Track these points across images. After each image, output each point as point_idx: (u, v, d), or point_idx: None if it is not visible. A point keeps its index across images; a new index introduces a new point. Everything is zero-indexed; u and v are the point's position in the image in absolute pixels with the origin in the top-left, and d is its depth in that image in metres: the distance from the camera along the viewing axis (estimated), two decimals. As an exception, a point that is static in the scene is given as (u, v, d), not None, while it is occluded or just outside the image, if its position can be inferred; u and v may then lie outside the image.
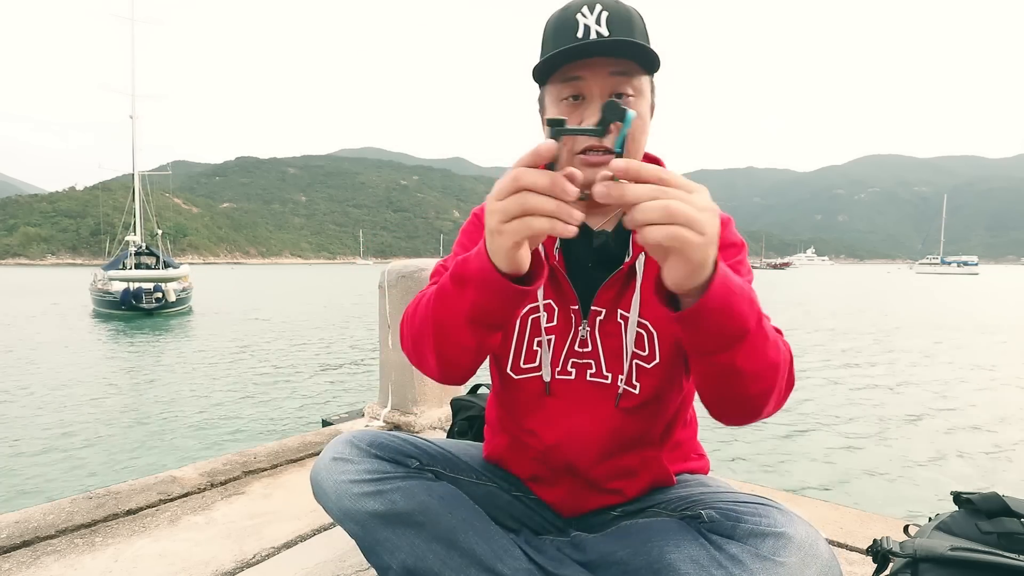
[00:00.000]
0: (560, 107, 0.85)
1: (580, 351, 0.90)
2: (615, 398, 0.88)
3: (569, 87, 0.83)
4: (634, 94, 0.83)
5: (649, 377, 0.87)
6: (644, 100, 0.85)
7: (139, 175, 31.83)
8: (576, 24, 0.80)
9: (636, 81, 0.83)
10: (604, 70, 0.81)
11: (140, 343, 15.38)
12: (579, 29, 0.80)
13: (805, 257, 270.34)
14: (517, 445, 0.96)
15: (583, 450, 0.90)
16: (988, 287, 51.28)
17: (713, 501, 0.81)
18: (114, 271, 24.24)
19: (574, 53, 0.80)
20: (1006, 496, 0.98)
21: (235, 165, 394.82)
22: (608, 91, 0.82)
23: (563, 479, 0.94)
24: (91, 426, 7.52)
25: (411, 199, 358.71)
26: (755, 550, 0.69)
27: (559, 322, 0.91)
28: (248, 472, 1.99)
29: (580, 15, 0.81)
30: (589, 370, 0.90)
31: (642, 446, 0.91)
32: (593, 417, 0.89)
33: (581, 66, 0.81)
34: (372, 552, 0.89)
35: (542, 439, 0.92)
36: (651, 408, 0.89)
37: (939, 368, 11.46)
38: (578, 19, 0.80)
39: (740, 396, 0.71)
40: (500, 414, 1.00)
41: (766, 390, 0.71)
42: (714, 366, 0.69)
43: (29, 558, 1.42)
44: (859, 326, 18.65)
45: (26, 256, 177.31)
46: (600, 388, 0.89)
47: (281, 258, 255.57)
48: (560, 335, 0.91)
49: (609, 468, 0.91)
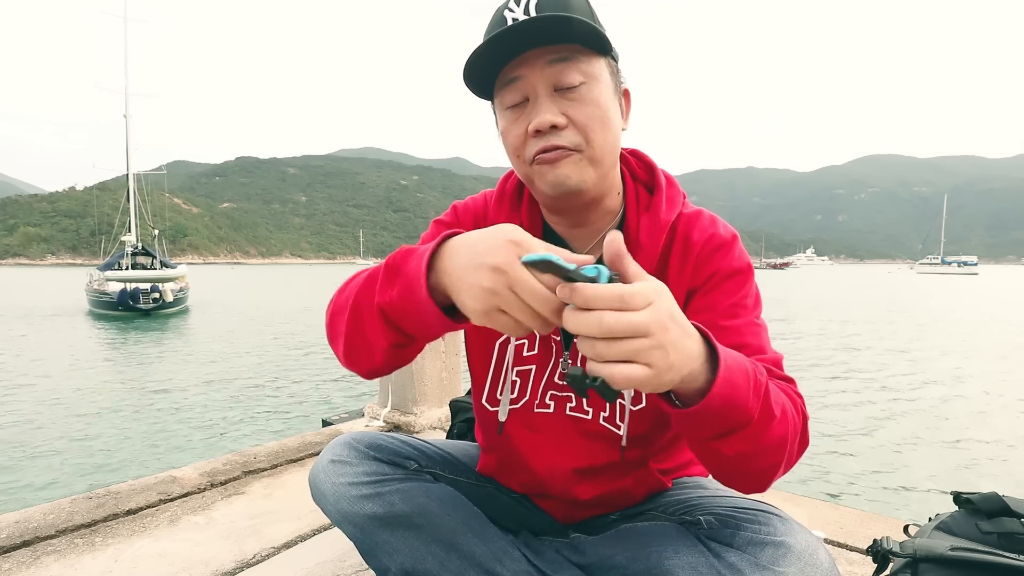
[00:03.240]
0: (507, 116, 0.76)
1: (560, 384, 0.86)
2: (597, 436, 0.85)
3: (511, 92, 0.74)
4: (584, 80, 0.72)
5: (634, 419, 0.83)
6: (599, 85, 0.74)
7: (134, 175, 31.88)
8: (504, 21, 0.71)
9: (584, 65, 0.72)
10: (541, 61, 0.72)
11: (138, 343, 15.37)
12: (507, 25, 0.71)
13: (805, 257, 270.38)
14: (504, 467, 0.95)
15: (568, 482, 0.88)
16: (988, 287, 51.24)
17: (712, 506, 0.79)
18: (111, 271, 24.23)
19: (493, 52, 0.71)
20: (1006, 496, 0.98)
21: (235, 165, 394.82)
22: (551, 84, 0.72)
23: (555, 498, 0.92)
24: (91, 426, 7.52)
25: (411, 199, 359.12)
26: (754, 559, 0.68)
27: (540, 351, 0.86)
28: (248, 472, 1.99)
29: (508, 11, 0.72)
30: (569, 403, 0.86)
31: (632, 469, 0.88)
32: (576, 453, 0.86)
33: (516, 64, 0.73)
34: (371, 554, 0.88)
35: (526, 469, 0.90)
36: (640, 444, 0.86)
37: (939, 368, 11.46)
38: (506, 15, 0.72)
39: (743, 473, 0.66)
40: (486, 439, 0.97)
41: (771, 466, 0.65)
42: (711, 451, 0.63)
43: (29, 558, 1.42)
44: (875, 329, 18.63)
45: (26, 256, 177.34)
46: (580, 423, 0.85)
47: (281, 258, 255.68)
48: (540, 365, 0.86)
49: (599, 492, 0.88)
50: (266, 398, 9.13)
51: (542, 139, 0.73)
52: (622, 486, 0.89)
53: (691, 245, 0.81)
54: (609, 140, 0.75)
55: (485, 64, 0.73)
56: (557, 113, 0.72)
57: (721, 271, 0.79)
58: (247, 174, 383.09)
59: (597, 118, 0.73)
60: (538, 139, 0.74)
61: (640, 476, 0.89)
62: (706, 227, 0.82)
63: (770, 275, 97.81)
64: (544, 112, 0.72)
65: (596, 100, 0.73)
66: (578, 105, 0.73)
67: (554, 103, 0.72)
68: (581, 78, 0.72)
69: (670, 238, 0.82)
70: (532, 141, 0.74)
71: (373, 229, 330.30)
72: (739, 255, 0.81)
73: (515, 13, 0.71)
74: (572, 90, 0.72)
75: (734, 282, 0.79)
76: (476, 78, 0.75)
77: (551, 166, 0.74)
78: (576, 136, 0.73)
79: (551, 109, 0.72)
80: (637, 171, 0.88)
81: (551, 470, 0.87)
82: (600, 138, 0.74)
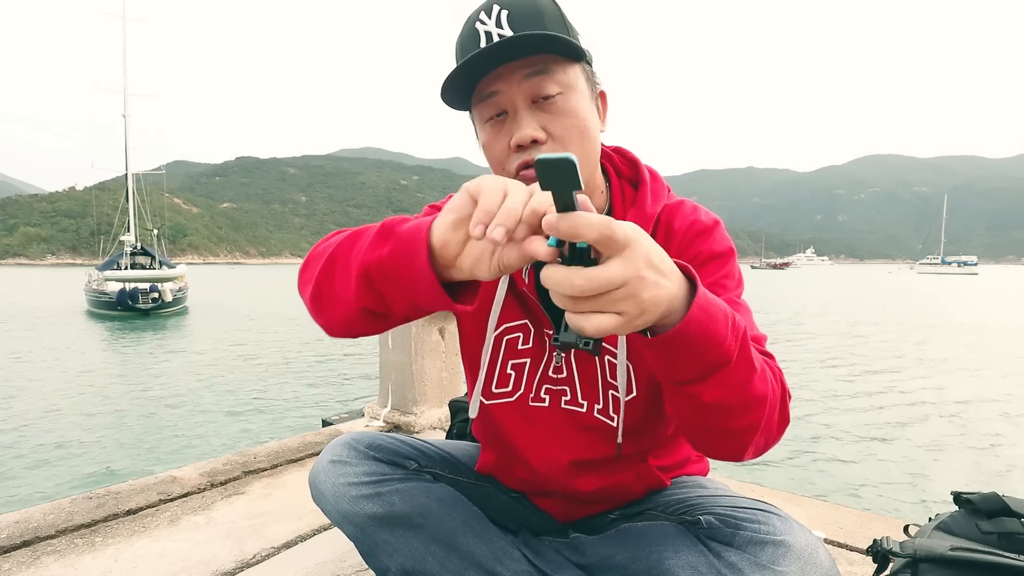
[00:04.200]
0: (487, 130, 0.78)
1: (555, 377, 0.87)
2: (593, 429, 0.86)
3: (489, 106, 0.76)
4: (561, 90, 0.74)
5: (628, 409, 0.84)
6: (576, 94, 0.75)
7: (133, 175, 31.92)
8: (477, 34, 0.72)
9: (560, 75, 0.74)
10: (517, 75, 0.73)
11: (138, 343, 15.38)
12: (480, 39, 0.72)
13: (805, 257, 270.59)
14: (503, 465, 0.95)
15: (566, 476, 0.88)
16: (989, 287, 51.24)
17: (711, 506, 0.79)
18: (110, 271, 24.23)
19: (469, 69, 0.72)
20: (1006, 496, 0.98)
21: (235, 165, 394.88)
22: (529, 97, 0.73)
23: (554, 494, 0.93)
24: (91, 426, 7.52)
25: (411, 199, 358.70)
26: (754, 558, 0.68)
27: (534, 345, 0.87)
28: (248, 472, 1.99)
29: (479, 23, 0.73)
30: (564, 397, 0.86)
31: (631, 464, 0.89)
32: (573, 446, 0.87)
33: (493, 79, 0.73)
34: (371, 554, 0.88)
35: (524, 464, 0.90)
36: (635, 437, 0.86)
37: (939, 368, 11.46)
38: (478, 28, 0.72)
39: (720, 431, 0.64)
40: (484, 434, 0.98)
41: (749, 426, 0.63)
42: (690, 397, 0.61)
43: (29, 558, 1.42)
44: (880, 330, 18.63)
45: (26, 256, 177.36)
46: (576, 416, 0.86)
47: (281, 258, 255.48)
48: (535, 359, 0.87)
49: (597, 487, 0.89)
50: (266, 398, 9.13)
51: (524, 153, 0.75)
52: (620, 481, 0.89)
53: (673, 232, 0.82)
54: (588, 148, 0.77)
55: (462, 81, 0.74)
56: (537, 127, 0.74)
57: (703, 253, 0.80)
58: (247, 174, 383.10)
59: (576, 129, 0.75)
60: (520, 153, 0.75)
61: (639, 472, 0.89)
62: (687, 214, 0.84)
63: (770, 275, 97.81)
64: (524, 127, 0.73)
65: (574, 110, 0.75)
66: (556, 118, 0.74)
67: (533, 116, 0.74)
68: (558, 88, 0.74)
69: (655, 229, 0.84)
70: (514, 155, 0.75)
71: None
72: (720, 238, 0.82)
73: (487, 26, 0.72)
74: (550, 102, 0.74)
75: (715, 263, 0.80)
76: (453, 95, 0.76)
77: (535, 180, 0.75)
78: (557, 150, 0.74)
79: (531, 124, 0.74)
80: (622, 168, 0.90)
81: (548, 463, 0.88)
82: (579, 148, 0.76)
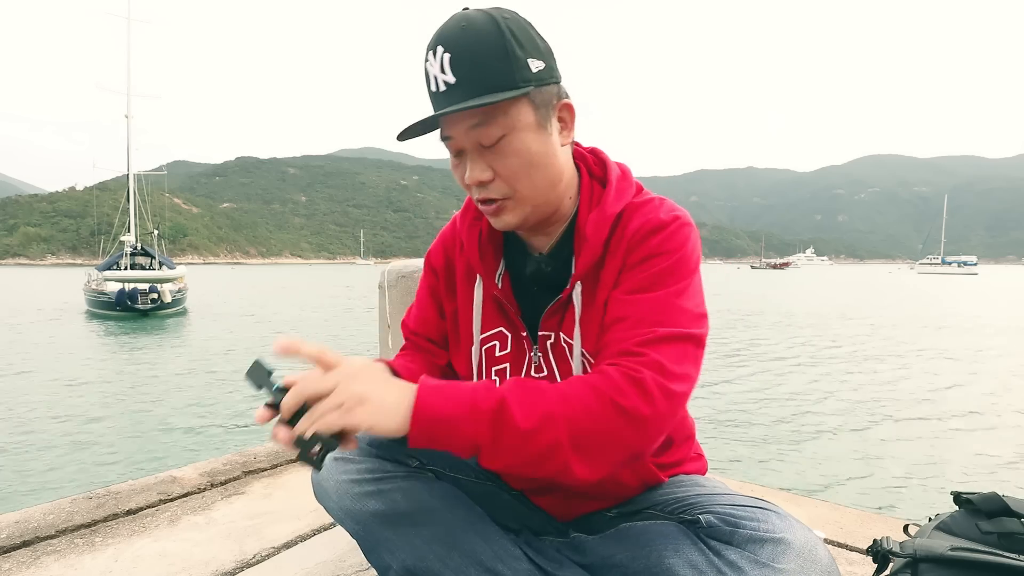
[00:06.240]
0: (452, 162, 0.84)
1: (537, 376, 0.88)
2: None
3: (448, 146, 0.82)
4: (504, 132, 0.77)
5: None
6: (519, 133, 0.78)
7: (134, 175, 31.90)
8: (428, 75, 0.78)
9: (502, 119, 0.76)
10: (463, 126, 0.77)
11: (137, 344, 15.38)
12: (431, 81, 0.77)
13: (805, 257, 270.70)
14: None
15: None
16: (989, 287, 51.25)
17: (710, 504, 0.80)
18: (110, 271, 24.20)
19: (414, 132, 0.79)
20: (1006, 496, 0.98)
21: (235, 165, 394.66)
22: (475, 144, 0.79)
23: (551, 490, 0.94)
24: (91, 426, 7.52)
25: (411, 199, 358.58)
26: (754, 556, 0.69)
27: (512, 349, 0.90)
28: (248, 472, 1.99)
29: (428, 63, 0.77)
30: None
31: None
32: None
33: (448, 124, 0.79)
34: (373, 552, 0.89)
35: None
36: None
37: (938, 368, 11.46)
38: (427, 68, 0.77)
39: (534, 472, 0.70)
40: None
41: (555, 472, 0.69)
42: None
43: (29, 558, 1.42)
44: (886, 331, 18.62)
45: (26, 256, 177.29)
46: None
47: (281, 258, 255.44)
48: (515, 363, 0.90)
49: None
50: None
51: (478, 191, 0.82)
52: (616, 476, 0.89)
53: (627, 231, 0.83)
54: (537, 179, 0.81)
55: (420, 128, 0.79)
56: (484, 169, 0.80)
57: (649, 251, 0.80)
58: (247, 174, 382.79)
59: (521, 167, 0.79)
60: (476, 189, 0.82)
61: (635, 467, 0.89)
62: (647, 212, 0.84)
63: (770, 275, 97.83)
64: (472, 170, 0.80)
65: (517, 150, 0.78)
66: (501, 158, 0.79)
67: (482, 158, 0.80)
68: (500, 132, 0.77)
69: (614, 228, 0.85)
70: (474, 188, 0.83)
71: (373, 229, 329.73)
72: (672, 235, 0.81)
73: (433, 68, 0.77)
74: (497, 145, 0.78)
75: (657, 260, 0.80)
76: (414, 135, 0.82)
77: (492, 215, 0.84)
78: (504, 187, 0.81)
79: (478, 166, 0.80)
80: (594, 169, 0.91)
81: None
82: (527, 184, 0.81)
